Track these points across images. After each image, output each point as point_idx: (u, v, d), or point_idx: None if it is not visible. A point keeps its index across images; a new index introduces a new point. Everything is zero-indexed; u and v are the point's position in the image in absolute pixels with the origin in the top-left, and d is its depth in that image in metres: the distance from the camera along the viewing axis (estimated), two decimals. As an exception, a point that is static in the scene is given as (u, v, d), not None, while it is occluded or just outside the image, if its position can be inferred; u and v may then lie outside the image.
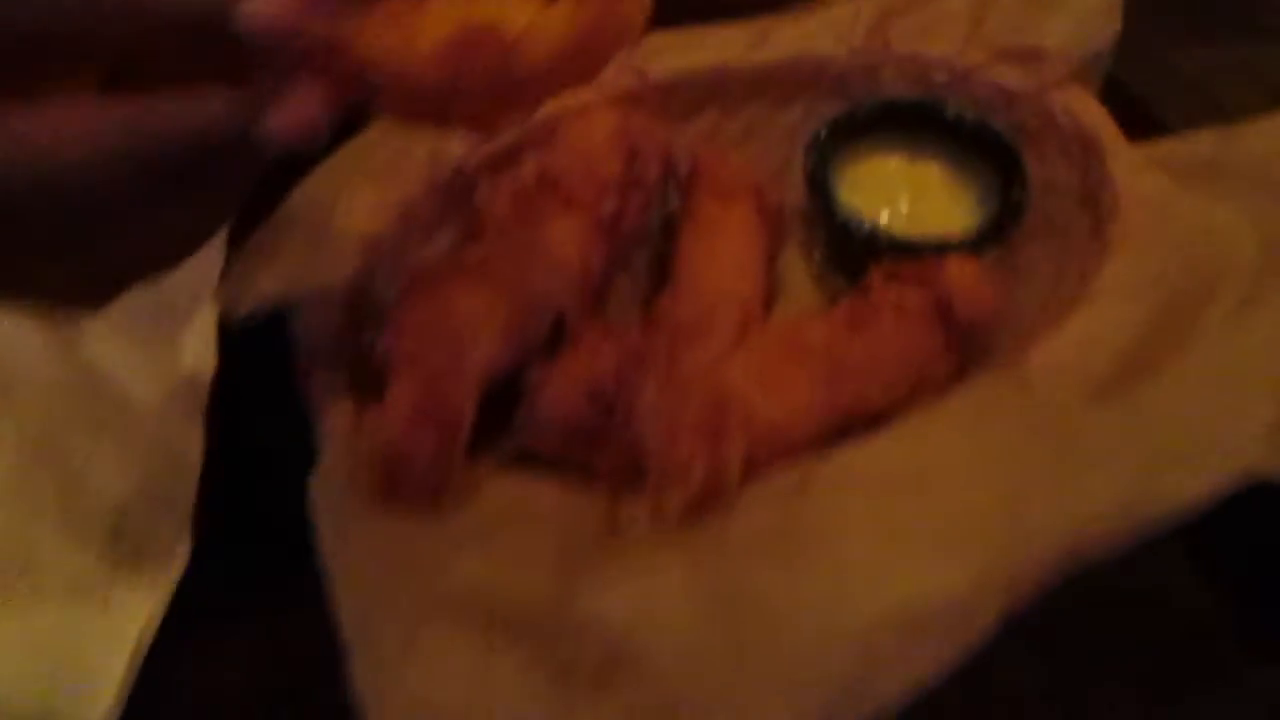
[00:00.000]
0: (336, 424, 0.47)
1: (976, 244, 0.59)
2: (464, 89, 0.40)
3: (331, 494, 0.44)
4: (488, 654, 0.40)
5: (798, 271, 0.65)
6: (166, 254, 0.38)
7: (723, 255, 0.58)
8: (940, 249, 0.58)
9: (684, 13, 0.67)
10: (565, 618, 0.41)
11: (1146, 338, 0.52)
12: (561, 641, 0.40)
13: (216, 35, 0.34)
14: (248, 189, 0.38)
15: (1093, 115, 0.64)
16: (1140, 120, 0.79)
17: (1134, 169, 0.61)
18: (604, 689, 0.39)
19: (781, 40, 0.67)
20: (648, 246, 0.62)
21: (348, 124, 0.44)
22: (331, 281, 0.52)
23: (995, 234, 0.60)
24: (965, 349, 0.57)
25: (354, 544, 0.43)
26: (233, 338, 0.53)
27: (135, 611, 0.47)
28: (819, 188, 0.61)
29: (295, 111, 0.35)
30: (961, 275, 0.56)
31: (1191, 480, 0.42)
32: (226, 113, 0.35)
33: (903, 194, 0.64)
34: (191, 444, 0.52)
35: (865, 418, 0.52)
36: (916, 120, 0.65)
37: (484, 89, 0.40)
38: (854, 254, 0.61)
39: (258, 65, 0.36)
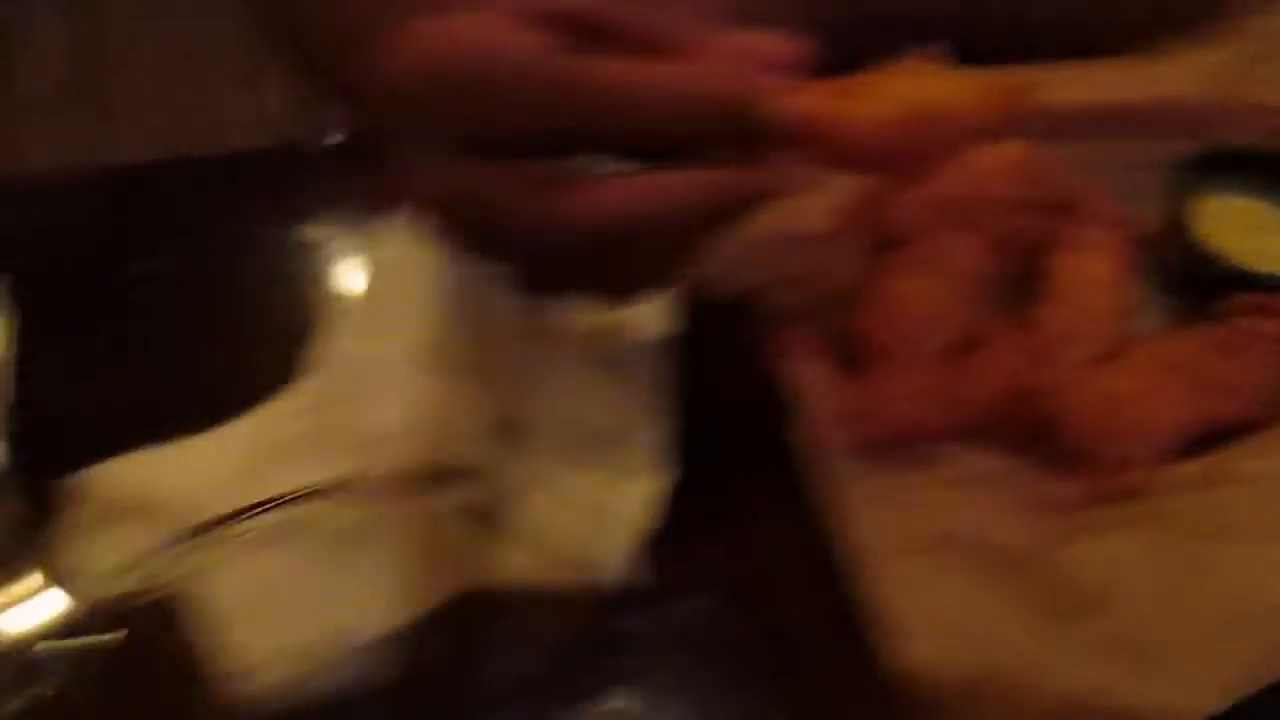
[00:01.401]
0: (820, 388, 0.60)
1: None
2: (909, 154, 0.52)
3: (821, 446, 0.57)
4: (979, 589, 0.53)
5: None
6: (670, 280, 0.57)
7: (1091, 276, 0.68)
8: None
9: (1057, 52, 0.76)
10: (1044, 562, 0.53)
11: None
12: (1042, 581, 0.53)
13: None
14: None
15: None
16: None
17: None
18: (1079, 620, 0.51)
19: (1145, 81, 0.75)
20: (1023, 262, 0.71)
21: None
22: (796, 269, 0.65)
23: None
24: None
25: (855, 489, 0.56)
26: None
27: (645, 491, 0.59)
28: (1177, 217, 0.69)
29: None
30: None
31: None
32: (752, 180, 0.50)
33: (1259, 231, 0.70)
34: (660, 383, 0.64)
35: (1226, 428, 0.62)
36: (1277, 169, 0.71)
37: (922, 154, 0.53)
38: (1204, 287, 0.68)
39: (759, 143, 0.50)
